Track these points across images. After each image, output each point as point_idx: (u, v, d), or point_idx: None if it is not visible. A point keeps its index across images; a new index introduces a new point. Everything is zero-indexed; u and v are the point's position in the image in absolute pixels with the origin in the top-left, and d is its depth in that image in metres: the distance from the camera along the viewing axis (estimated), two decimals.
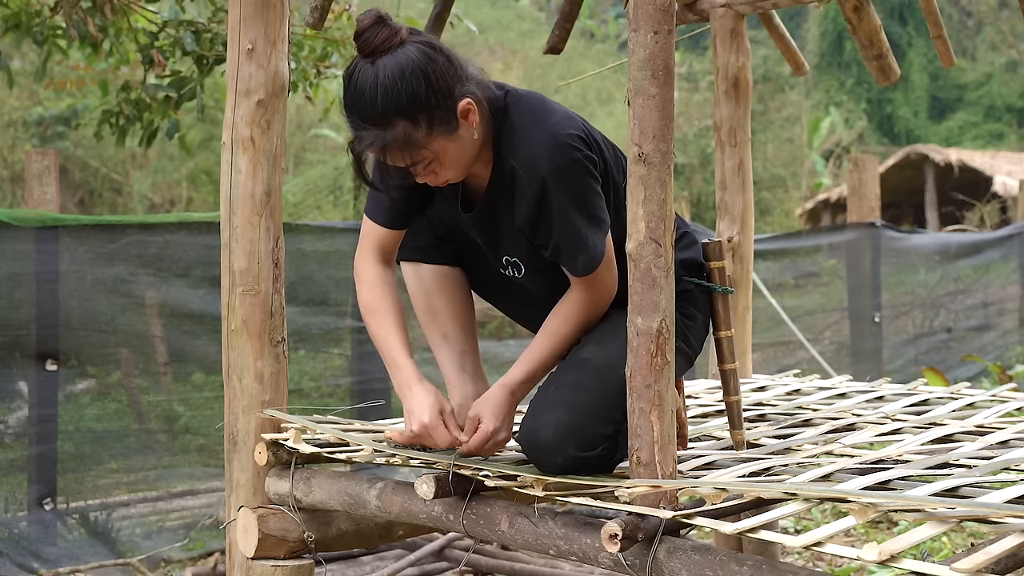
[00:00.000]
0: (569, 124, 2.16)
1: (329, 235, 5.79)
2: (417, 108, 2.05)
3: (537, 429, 2.10)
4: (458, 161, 2.15)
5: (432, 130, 2.08)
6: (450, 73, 2.09)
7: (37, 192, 5.91)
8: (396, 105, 2.04)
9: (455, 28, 4.75)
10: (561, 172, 2.11)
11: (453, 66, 2.11)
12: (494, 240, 2.32)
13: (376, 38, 2.06)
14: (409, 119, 2.05)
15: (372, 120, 2.06)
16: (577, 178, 2.13)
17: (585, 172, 2.14)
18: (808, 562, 4.49)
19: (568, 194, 2.12)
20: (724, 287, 2.40)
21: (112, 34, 5.40)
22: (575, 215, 2.13)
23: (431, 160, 2.12)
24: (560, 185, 2.11)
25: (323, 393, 6.00)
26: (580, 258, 2.16)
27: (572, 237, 2.15)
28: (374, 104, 2.04)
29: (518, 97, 2.23)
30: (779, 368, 7.00)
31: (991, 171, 17.06)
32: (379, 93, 2.04)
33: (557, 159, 2.11)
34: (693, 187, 17.91)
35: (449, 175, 2.18)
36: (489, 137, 2.20)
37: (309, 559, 2.52)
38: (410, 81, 2.04)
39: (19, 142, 14.29)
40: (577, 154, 2.12)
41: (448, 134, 2.10)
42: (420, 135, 2.07)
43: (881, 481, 1.97)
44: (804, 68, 4.31)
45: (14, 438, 4.72)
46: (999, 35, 26.00)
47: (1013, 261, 9.16)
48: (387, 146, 2.07)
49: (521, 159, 2.14)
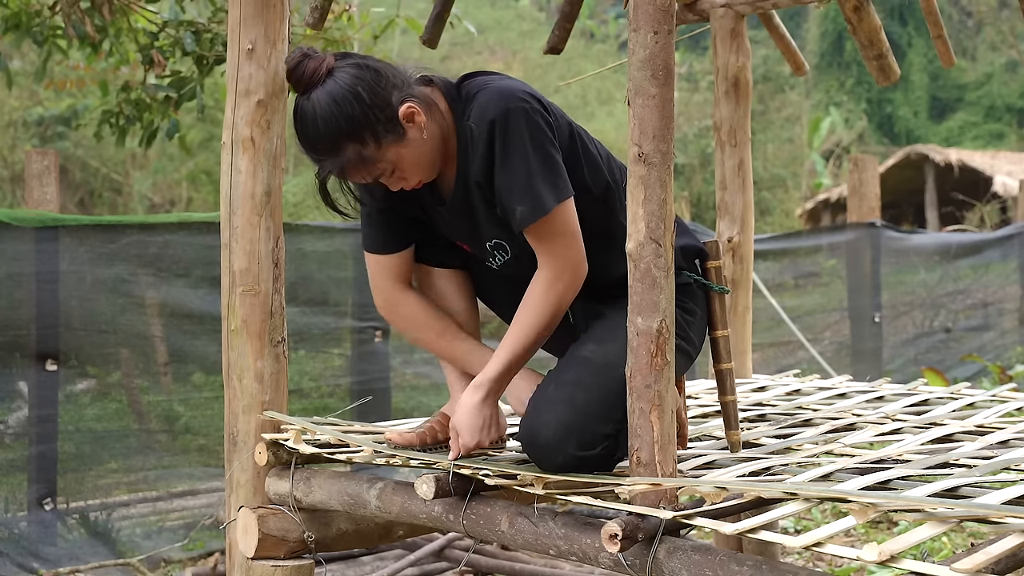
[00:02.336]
0: (520, 84, 2.22)
1: (329, 235, 5.79)
2: (358, 128, 2.13)
3: (538, 428, 2.10)
4: (418, 162, 2.21)
5: (380, 143, 2.15)
6: (381, 85, 2.16)
7: (37, 192, 5.91)
8: (338, 131, 2.12)
9: (455, 28, 4.75)
10: (507, 115, 2.14)
11: (383, 77, 2.17)
12: (474, 225, 2.32)
13: (305, 74, 2.14)
14: (355, 140, 2.13)
15: (323, 151, 2.15)
16: (523, 124, 2.15)
17: (532, 121, 2.15)
18: (808, 562, 4.49)
19: (513, 139, 2.15)
20: (721, 286, 2.41)
21: (112, 34, 5.39)
22: (519, 161, 2.15)
23: (392, 170, 2.19)
24: (506, 128, 2.15)
25: (323, 393, 6.00)
26: (519, 208, 2.16)
27: (515, 184, 2.15)
28: (319, 136, 2.13)
29: (475, 76, 2.28)
30: (779, 368, 7.01)
31: (991, 171, 17.06)
32: (320, 124, 2.12)
33: (503, 104, 2.15)
34: (693, 187, 17.91)
35: (419, 176, 2.23)
36: (451, 130, 2.25)
37: (309, 559, 2.52)
38: (344, 106, 2.12)
39: (19, 142, 14.29)
40: (524, 104, 2.16)
41: (397, 141, 2.16)
42: (371, 151, 2.15)
43: (881, 481, 1.97)
44: (804, 68, 4.31)
45: (14, 438, 4.72)
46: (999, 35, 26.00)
47: (1013, 261, 9.16)
48: (344, 169, 2.16)
49: (473, 116, 2.19)
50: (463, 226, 2.34)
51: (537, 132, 2.16)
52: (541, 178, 2.15)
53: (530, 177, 2.15)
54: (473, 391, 2.25)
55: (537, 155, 2.15)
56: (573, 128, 2.29)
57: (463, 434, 2.22)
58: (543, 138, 2.17)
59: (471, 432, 2.22)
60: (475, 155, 2.20)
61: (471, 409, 2.24)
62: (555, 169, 2.18)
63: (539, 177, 2.15)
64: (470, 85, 2.26)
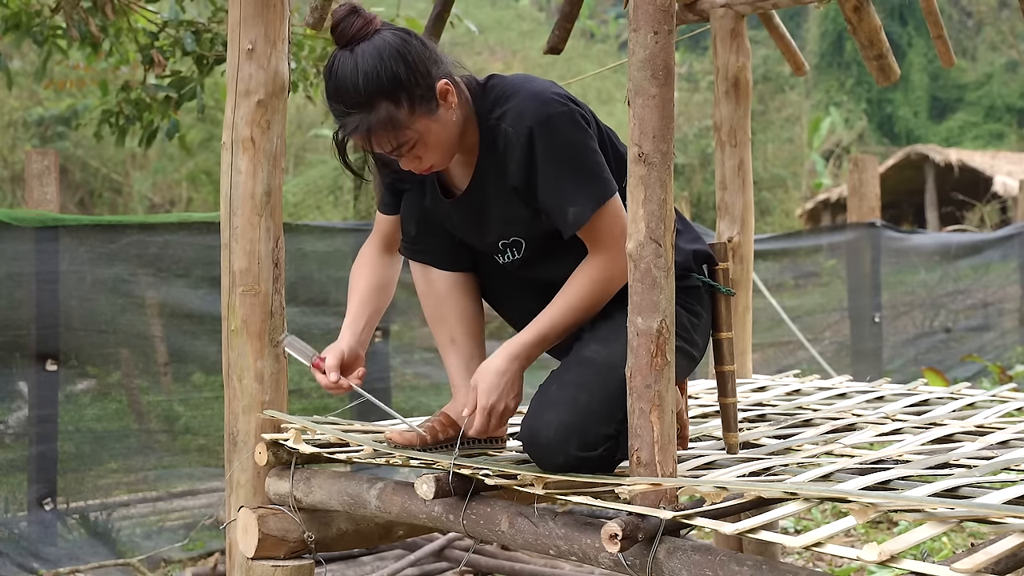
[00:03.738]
0: (554, 86, 2.23)
1: (329, 235, 5.79)
2: (398, 88, 2.11)
3: (539, 428, 2.10)
4: (441, 144, 2.20)
5: (414, 110, 2.13)
6: (426, 55, 2.16)
7: (37, 192, 5.91)
8: (378, 86, 2.10)
9: (455, 28, 4.75)
10: (547, 121, 2.15)
11: (428, 49, 2.18)
12: (483, 221, 2.32)
13: (352, 27, 2.13)
14: (391, 99, 2.11)
15: (356, 104, 2.11)
16: (564, 128, 2.16)
17: (572, 123, 2.17)
18: (808, 562, 4.49)
19: (555, 143, 2.15)
20: (728, 288, 2.41)
21: (112, 34, 5.40)
22: (563, 165, 2.16)
23: (415, 142, 2.17)
24: (547, 134, 2.15)
25: (323, 393, 5.99)
26: (570, 210, 2.17)
27: (561, 188, 2.17)
28: (356, 88, 2.10)
29: (503, 76, 2.29)
30: (779, 368, 7.01)
31: (991, 171, 17.06)
32: (360, 77, 2.10)
33: (543, 110, 2.16)
34: (693, 187, 17.90)
35: (433, 159, 2.22)
36: (472, 121, 2.25)
37: (309, 559, 2.52)
38: (389, 63, 2.10)
39: (19, 142, 14.29)
40: (563, 108, 2.17)
41: (429, 114, 2.15)
42: (403, 115, 2.12)
43: (881, 481, 1.97)
44: (804, 68, 4.31)
45: (14, 438, 4.72)
46: (999, 35, 25.99)
47: (1013, 261, 9.16)
48: (371, 129, 2.12)
49: (509, 118, 2.19)
50: (470, 222, 2.34)
51: (580, 134, 2.17)
52: (589, 177, 2.17)
53: (578, 178, 2.16)
54: (502, 352, 2.23)
55: (581, 156, 2.17)
56: (601, 125, 2.30)
57: (480, 395, 2.21)
58: (585, 138, 2.18)
59: (488, 392, 2.20)
60: (509, 159, 2.19)
61: (493, 369, 2.22)
62: (599, 167, 2.19)
63: (587, 176, 2.17)
64: (499, 86, 2.26)
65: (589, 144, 2.19)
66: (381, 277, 2.51)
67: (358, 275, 2.51)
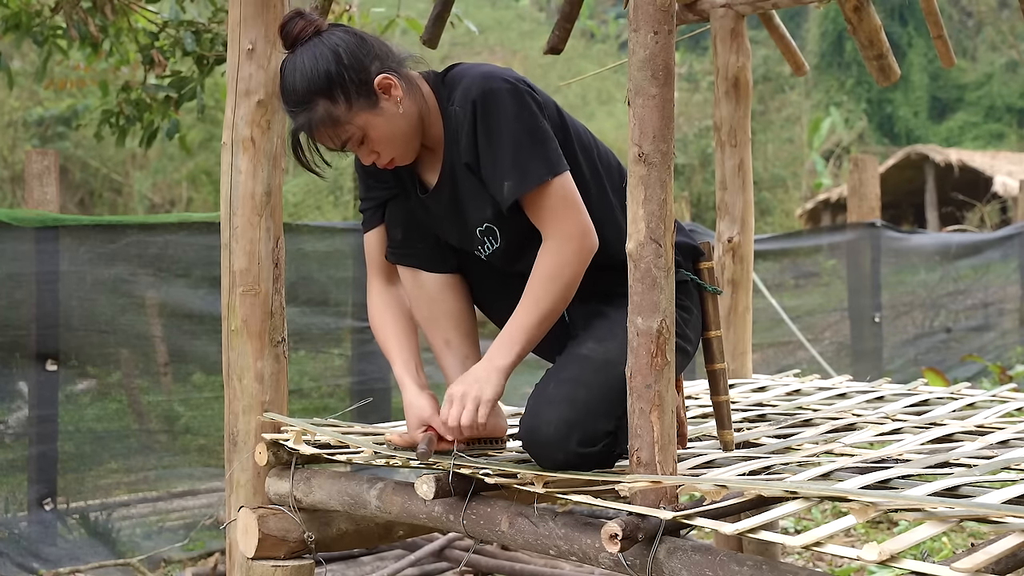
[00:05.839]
0: (509, 71, 2.25)
1: (329, 235, 5.78)
2: (332, 85, 2.17)
3: (538, 425, 2.10)
4: (391, 137, 2.22)
5: (351, 105, 2.18)
6: (363, 51, 2.21)
7: (37, 192, 5.91)
8: (313, 85, 2.17)
9: (455, 28, 4.75)
10: (489, 94, 2.18)
11: (367, 45, 2.23)
12: (460, 212, 2.32)
13: (295, 30, 2.22)
14: (327, 97, 2.17)
15: (297, 103, 2.19)
16: (505, 102, 2.18)
17: (514, 98, 2.18)
18: (808, 562, 4.49)
19: (496, 116, 2.18)
20: (715, 287, 2.42)
21: (112, 34, 5.39)
22: (503, 138, 2.17)
23: (361, 137, 2.22)
24: (488, 106, 2.18)
25: (323, 393, 6.00)
26: (506, 184, 2.18)
27: (498, 160, 2.18)
28: (295, 89, 2.19)
29: (461, 65, 2.33)
30: (779, 368, 7.00)
31: (991, 171, 17.05)
32: (298, 77, 2.18)
33: (485, 84, 2.19)
34: (693, 187, 17.90)
35: (392, 152, 2.25)
36: (435, 114, 2.27)
37: (309, 559, 2.52)
38: (321, 62, 2.18)
39: (19, 142, 14.28)
40: (507, 85, 2.19)
41: (370, 108, 2.20)
42: (340, 111, 2.18)
43: (881, 480, 1.97)
44: (804, 68, 4.31)
45: (14, 438, 4.72)
46: (999, 35, 25.98)
47: (1013, 261, 9.16)
48: (313, 126, 2.19)
49: (457, 100, 2.23)
50: (447, 214, 2.34)
51: (523, 108, 2.19)
52: (529, 151, 2.17)
53: (517, 150, 2.17)
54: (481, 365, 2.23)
55: (524, 129, 2.18)
56: (562, 111, 2.31)
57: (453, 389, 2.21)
58: (529, 113, 2.19)
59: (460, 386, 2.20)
60: (460, 136, 2.23)
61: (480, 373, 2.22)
62: (546, 143, 2.19)
63: (527, 150, 2.17)
64: (453, 73, 2.30)
65: (534, 121, 2.19)
66: (399, 308, 2.48)
67: (381, 321, 2.46)
